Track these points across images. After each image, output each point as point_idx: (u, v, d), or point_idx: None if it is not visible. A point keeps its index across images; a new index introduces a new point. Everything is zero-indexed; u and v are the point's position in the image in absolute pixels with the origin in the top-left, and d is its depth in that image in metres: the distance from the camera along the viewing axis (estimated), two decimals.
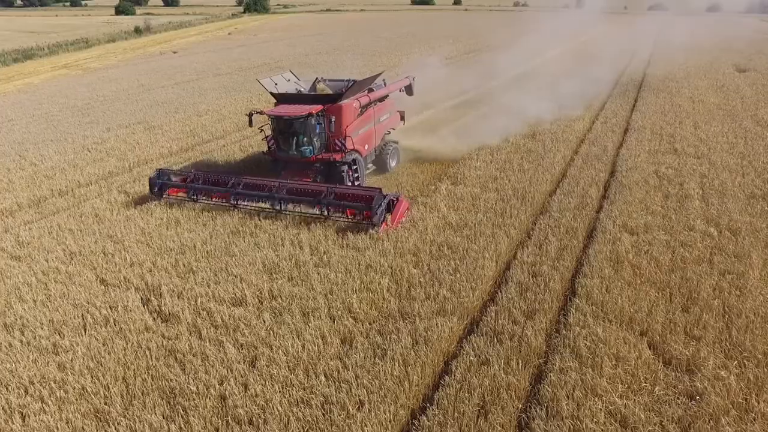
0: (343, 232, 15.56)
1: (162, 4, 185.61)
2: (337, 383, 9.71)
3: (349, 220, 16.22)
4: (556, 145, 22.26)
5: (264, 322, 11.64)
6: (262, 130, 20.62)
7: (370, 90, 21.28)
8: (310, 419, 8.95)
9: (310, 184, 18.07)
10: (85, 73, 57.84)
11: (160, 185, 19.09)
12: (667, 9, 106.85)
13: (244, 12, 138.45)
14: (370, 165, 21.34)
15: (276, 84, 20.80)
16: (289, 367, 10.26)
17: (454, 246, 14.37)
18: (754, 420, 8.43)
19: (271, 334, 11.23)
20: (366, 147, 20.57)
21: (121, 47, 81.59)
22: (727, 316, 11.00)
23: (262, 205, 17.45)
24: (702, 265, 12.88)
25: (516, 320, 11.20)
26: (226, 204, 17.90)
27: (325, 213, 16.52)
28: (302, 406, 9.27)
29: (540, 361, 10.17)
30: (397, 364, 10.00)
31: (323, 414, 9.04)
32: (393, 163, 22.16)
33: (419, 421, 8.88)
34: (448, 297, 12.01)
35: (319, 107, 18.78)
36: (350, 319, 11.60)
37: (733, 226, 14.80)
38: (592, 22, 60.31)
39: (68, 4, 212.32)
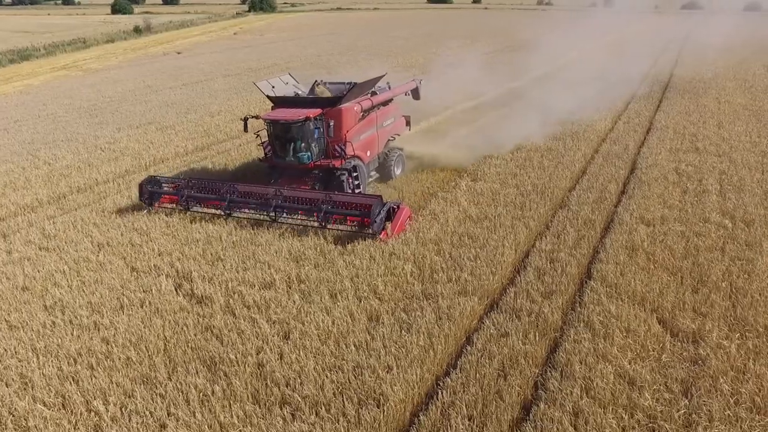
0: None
1: (161, 2, 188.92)
2: (366, 352, 11.36)
3: (347, 230, 16.70)
4: (576, 144, 23.92)
5: (294, 302, 13.32)
6: (258, 135, 20.85)
7: (373, 93, 21.65)
8: (343, 381, 10.59)
9: (305, 191, 18.26)
10: (86, 74, 60.08)
11: (149, 194, 19.59)
12: (701, 8, 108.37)
13: (249, 11, 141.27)
14: (372, 173, 21.58)
15: (273, 87, 21.16)
16: (320, 339, 11.92)
17: (475, 236, 16.03)
18: (749, 380, 9.99)
19: (302, 312, 12.90)
20: (368, 153, 20.83)
21: (121, 47, 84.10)
22: (733, 296, 12.58)
23: (257, 216, 17.97)
24: (714, 253, 14.47)
25: (534, 299, 12.83)
26: (221, 213, 18.41)
27: (323, 223, 16.91)
28: (335, 370, 10.92)
29: (556, 334, 11.78)
30: (422, 336, 11.64)
31: (355, 377, 10.67)
32: (398, 171, 22.38)
33: (444, 382, 10.50)
34: (469, 280, 13.65)
35: (318, 111, 19.07)
36: (376, 299, 13.26)
37: (748, 218, 16.38)
38: (621, 22, 62.08)
39: (60, 2, 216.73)
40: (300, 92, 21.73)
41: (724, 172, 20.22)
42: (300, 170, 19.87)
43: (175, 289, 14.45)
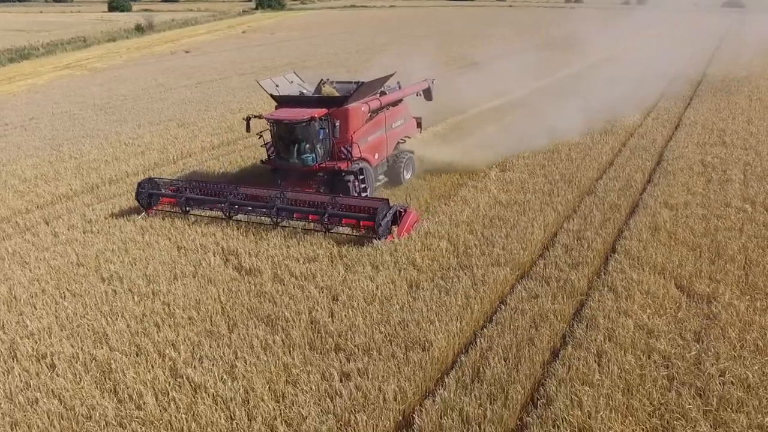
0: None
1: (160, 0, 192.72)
2: (410, 311, 13.74)
3: (353, 234, 17.80)
4: (604, 138, 26.34)
5: (339, 272, 15.73)
6: (260, 135, 21.43)
7: (382, 93, 22.41)
8: (390, 332, 12.97)
9: (310, 194, 19.19)
10: (92, 73, 63.01)
11: (148, 196, 20.57)
12: (743, 6, 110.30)
13: (257, 8, 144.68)
14: (381, 176, 22.35)
15: (277, 86, 21.85)
16: (366, 301, 14.32)
17: (505, 218, 18.43)
18: (754, 330, 12.30)
19: (347, 280, 15.31)
20: (376, 156, 21.51)
21: (124, 46, 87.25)
22: (747, 267, 14.90)
23: (261, 218, 18.97)
24: (732, 232, 16.78)
25: (562, 269, 15.21)
26: (222, 216, 19.42)
27: (327, 227, 17.87)
28: (382, 324, 13.29)
29: (582, 297, 14.14)
30: (459, 297, 14.01)
31: (401, 329, 13.04)
32: (407, 175, 23.08)
33: (481, 333, 12.87)
34: (501, 254, 16.05)
35: (324, 111, 19.69)
36: (414, 270, 15.65)
37: None
38: (655, 20, 64.42)
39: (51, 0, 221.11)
40: (305, 91, 22.39)
41: (749, 163, 22.53)
42: (304, 173, 20.58)
43: (224, 263, 16.88)
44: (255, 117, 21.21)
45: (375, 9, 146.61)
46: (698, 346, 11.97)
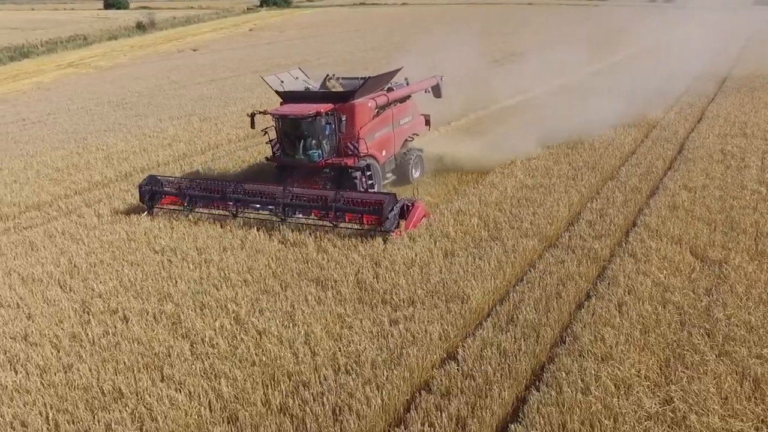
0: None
1: None
2: (447, 272, 16.28)
3: (361, 228, 19.08)
4: (626, 130, 28.93)
5: (378, 243, 18.27)
6: (265, 132, 22.38)
7: (389, 89, 23.45)
8: (431, 289, 15.51)
9: (316, 191, 20.31)
10: (97, 71, 66.11)
11: (150, 194, 21.80)
12: None
13: (261, 6, 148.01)
14: (388, 174, 23.56)
15: (282, 82, 22.84)
16: (406, 265, 16.86)
17: (532, 199, 21.01)
18: (759, 286, 14.83)
19: (386, 250, 17.86)
20: (383, 153, 22.68)
21: (127, 45, 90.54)
22: (758, 237, 17.41)
23: (264, 215, 20.34)
24: (746, 210, 19.28)
25: (586, 240, 17.74)
26: (226, 213, 20.80)
27: (335, 222, 19.19)
28: (423, 283, 15.84)
29: (604, 262, 16.68)
30: (492, 262, 16.55)
31: (441, 287, 15.58)
32: (416, 174, 24.33)
33: (514, 289, 15.43)
34: (529, 228, 18.61)
35: (330, 106, 20.68)
36: (449, 241, 18.21)
37: None
38: (682, 19, 66.92)
39: None
40: (310, 87, 23.44)
41: None
42: (310, 169, 21.68)
43: (269, 238, 19.44)
44: (260, 113, 22.41)
45: (386, 7, 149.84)
46: (708, 298, 14.46)
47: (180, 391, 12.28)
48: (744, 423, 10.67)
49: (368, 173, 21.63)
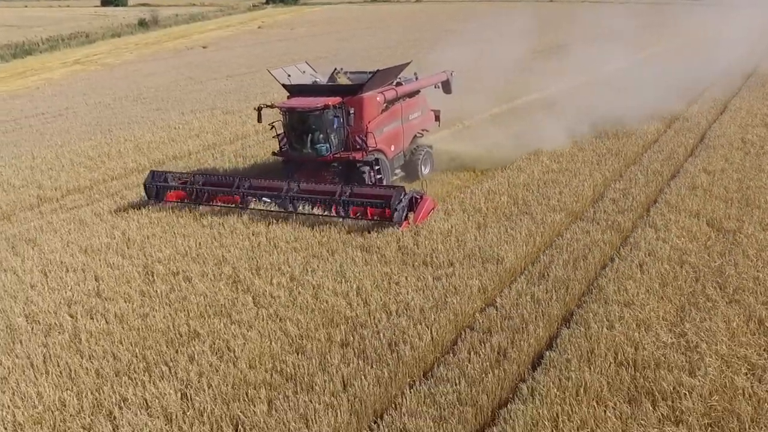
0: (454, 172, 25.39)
1: None
2: (482, 239, 18.98)
3: (369, 220, 20.39)
4: (649, 121, 31.65)
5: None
6: (273, 126, 23.33)
7: (398, 84, 24.57)
8: (468, 253, 18.19)
9: (324, 185, 21.45)
10: (106, 68, 69.13)
11: (157, 189, 23.00)
12: None
13: (267, 2, 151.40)
14: (397, 170, 24.73)
15: (289, 75, 23.92)
16: (443, 234, 19.57)
17: (558, 181, 23.74)
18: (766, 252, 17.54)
19: (423, 222, 20.57)
20: (392, 148, 23.66)
21: (132, 42, 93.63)
22: None
23: (271, 208, 21.49)
24: (762, 189, 21.97)
25: (610, 214, 20.43)
26: (234, 206, 21.91)
27: (342, 214, 20.44)
28: (460, 248, 18.54)
29: (627, 233, 19.37)
30: (523, 232, 19.25)
31: (477, 251, 18.27)
32: (426, 170, 25.39)
33: (544, 253, 18.13)
34: (556, 204, 21.34)
35: (338, 99, 21.51)
36: (481, 216, 20.91)
37: None
38: (709, 17, 69.58)
39: None
40: (318, 81, 24.56)
41: None
42: (318, 163, 22.69)
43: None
44: (267, 106, 23.51)
45: (399, 4, 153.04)
46: (722, 260, 17.13)
47: (250, 330, 14.95)
48: (747, 350, 13.30)
49: (377, 167, 22.72)
